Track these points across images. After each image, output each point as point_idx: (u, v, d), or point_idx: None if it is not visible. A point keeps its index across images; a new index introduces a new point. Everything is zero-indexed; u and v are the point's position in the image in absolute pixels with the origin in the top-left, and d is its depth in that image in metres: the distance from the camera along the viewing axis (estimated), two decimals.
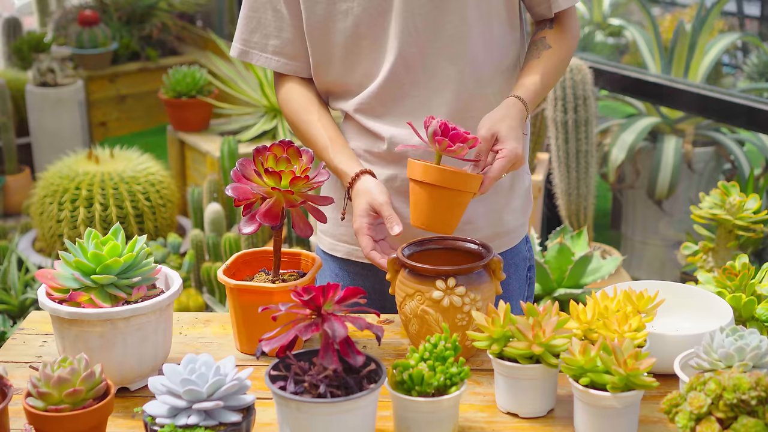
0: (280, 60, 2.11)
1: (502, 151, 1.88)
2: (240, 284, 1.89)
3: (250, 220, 1.88)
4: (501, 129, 1.90)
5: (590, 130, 3.97)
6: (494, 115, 1.93)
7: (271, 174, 1.85)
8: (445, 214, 1.87)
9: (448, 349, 1.63)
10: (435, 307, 1.83)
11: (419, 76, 2.02)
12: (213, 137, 5.15)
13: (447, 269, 1.83)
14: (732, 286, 2.12)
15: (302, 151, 1.89)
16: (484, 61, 2.04)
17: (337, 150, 2.05)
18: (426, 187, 1.86)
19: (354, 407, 1.53)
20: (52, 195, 4.64)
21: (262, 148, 1.87)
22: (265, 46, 2.11)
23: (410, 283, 1.86)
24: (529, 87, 2.00)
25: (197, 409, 1.54)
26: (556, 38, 2.08)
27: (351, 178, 2.02)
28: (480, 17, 2.01)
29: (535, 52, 2.06)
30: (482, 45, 2.03)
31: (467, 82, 2.03)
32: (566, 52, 2.09)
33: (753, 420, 1.46)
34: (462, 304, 1.82)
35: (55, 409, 1.56)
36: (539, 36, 2.08)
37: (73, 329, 1.74)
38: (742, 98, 4.01)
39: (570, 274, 3.35)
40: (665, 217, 4.76)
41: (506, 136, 1.89)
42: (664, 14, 6.52)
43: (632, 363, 1.58)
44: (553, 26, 2.09)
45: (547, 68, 2.04)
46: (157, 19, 6.55)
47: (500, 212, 2.14)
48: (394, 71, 2.01)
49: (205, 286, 4.05)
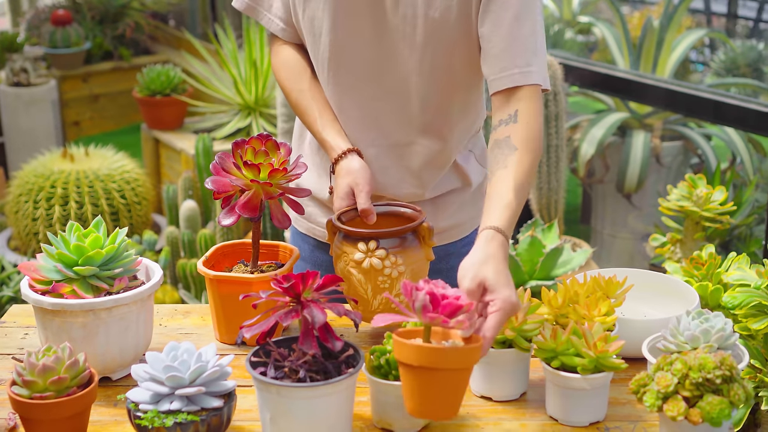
0: (280, 24, 2.13)
1: (495, 303, 1.62)
2: (219, 275, 1.93)
3: (229, 212, 1.92)
4: (488, 275, 1.65)
5: (560, 125, 4.02)
6: (475, 258, 1.69)
7: (250, 167, 1.88)
8: (448, 397, 1.57)
9: None
10: (357, 269, 1.89)
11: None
12: (187, 135, 5.17)
13: (369, 232, 1.90)
14: (699, 275, 2.18)
15: (280, 144, 1.93)
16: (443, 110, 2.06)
17: (326, 123, 2.08)
18: (421, 372, 1.54)
19: (333, 391, 1.57)
20: (27, 193, 4.65)
21: (240, 142, 1.91)
22: (270, 6, 2.13)
23: (339, 245, 1.93)
24: (504, 211, 1.78)
25: (180, 395, 1.57)
26: (521, 135, 1.88)
27: (337, 155, 2.04)
28: None
29: (501, 158, 1.86)
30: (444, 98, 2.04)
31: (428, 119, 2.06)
32: (533, 153, 1.89)
33: (718, 398, 1.51)
34: (382, 267, 1.88)
35: (39, 396, 1.59)
36: (503, 135, 1.89)
37: (56, 320, 1.77)
38: (709, 93, 4.08)
39: (541, 266, 3.41)
40: (634, 211, 4.82)
41: (495, 283, 1.64)
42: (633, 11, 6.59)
43: (602, 346, 1.63)
44: (518, 118, 1.90)
45: (518, 179, 1.83)
46: (130, 19, 6.55)
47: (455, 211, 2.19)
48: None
49: (181, 283, 4.08)
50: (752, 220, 4.14)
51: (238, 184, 1.91)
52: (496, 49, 1.93)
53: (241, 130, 5.01)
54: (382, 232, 1.89)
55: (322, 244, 2.23)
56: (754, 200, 4.24)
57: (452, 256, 2.16)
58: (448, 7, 1.95)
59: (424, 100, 2.03)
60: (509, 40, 1.92)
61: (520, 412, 1.74)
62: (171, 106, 5.25)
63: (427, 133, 2.07)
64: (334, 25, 2.01)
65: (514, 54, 1.92)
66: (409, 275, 1.89)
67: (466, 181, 2.18)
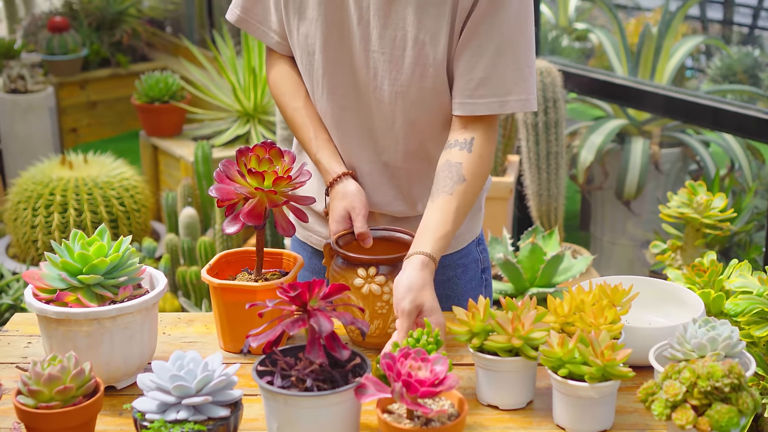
0: (275, 38, 2.12)
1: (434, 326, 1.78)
2: (224, 283, 1.93)
3: (233, 220, 1.92)
4: (425, 301, 1.81)
5: (560, 132, 4.02)
6: (413, 282, 1.81)
7: (255, 174, 1.88)
8: None
9: (431, 343, 1.67)
10: (356, 294, 1.90)
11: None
12: (186, 142, 5.17)
13: (369, 258, 1.91)
14: (701, 282, 2.18)
15: (284, 152, 1.92)
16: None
17: (320, 144, 2.08)
18: None
19: (340, 400, 1.57)
20: (26, 201, 4.64)
21: (244, 149, 1.90)
22: (264, 19, 2.11)
23: (338, 270, 1.94)
24: (440, 241, 1.88)
25: (186, 405, 1.57)
26: (472, 168, 1.95)
27: (333, 179, 2.06)
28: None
29: (449, 183, 1.94)
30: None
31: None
32: (479, 182, 1.98)
33: (726, 406, 1.51)
34: (381, 293, 1.90)
35: (45, 406, 1.59)
36: (455, 158, 1.96)
37: (60, 329, 1.76)
38: (707, 99, 4.08)
39: (542, 273, 3.41)
40: (633, 218, 4.82)
41: (431, 308, 1.81)
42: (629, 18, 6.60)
43: (609, 354, 1.63)
44: (472, 147, 1.96)
45: (459, 209, 1.93)
46: (127, 26, 6.55)
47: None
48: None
49: (181, 290, 4.07)
50: (752, 226, 4.14)
51: (243, 191, 1.91)
52: (471, 75, 1.95)
53: (240, 137, 5.01)
54: (382, 258, 1.91)
55: (318, 251, 2.24)
56: (753, 207, 4.25)
57: (447, 268, 2.18)
58: (438, 30, 1.95)
59: (411, 119, 2.03)
60: (488, 70, 1.95)
61: (527, 420, 1.73)
62: (169, 113, 5.24)
63: (414, 152, 2.07)
64: (326, 43, 2.01)
65: (490, 84, 1.95)
66: None
67: None
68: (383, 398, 1.57)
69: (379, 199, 2.11)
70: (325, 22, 1.99)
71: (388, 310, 1.90)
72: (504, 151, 4.34)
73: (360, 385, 1.55)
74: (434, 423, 1.56)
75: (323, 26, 2.00)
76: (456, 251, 2.21)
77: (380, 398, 1.57)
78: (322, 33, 2.00)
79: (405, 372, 1.53)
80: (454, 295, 2.18)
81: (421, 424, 1.55)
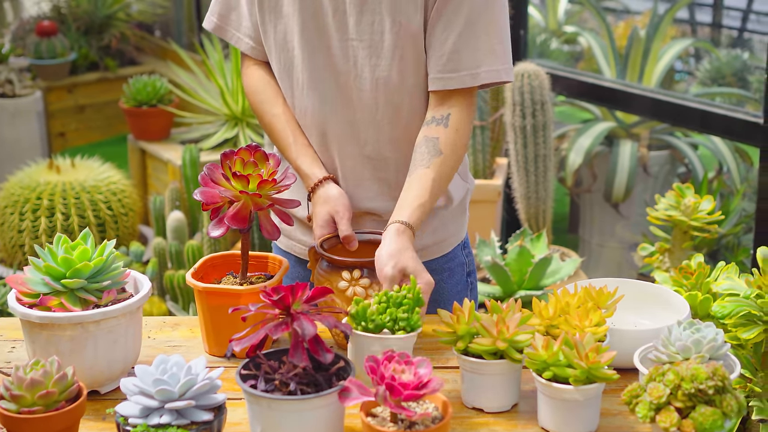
0: (249, 43, 2.14)
1: (423, 287, 1.82)
2: (209, 287, 1.92)
3: (218, 223, 1.91)
4: (407, 264, 1.85)
5: (548, 135, 4.03)
6: (392, 248, 1.86)
7: (239, 178, 1.88)
8: None
9: (407, 297, 1.73)
10: (341, 297, 1.91)
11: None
12: (174, 146, 5.16)
13: (353, 261, 1.92)
14: (688, 285, 2.18)
15: (269, 155, 1.92)
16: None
17: (300, 150, 2.09)
18: None
19: (324, 404, 1.56)
20: (13, 205, 4.62)
21: (229, 152, 1.90)
22: (239, 25, 2.14)
23: (322, 272, 1.95)
24: (418, 210, 1.93)
25: (169, 409, 1.56)
26: (449, 141, 1.99)
27: (314, 183, 2.06)
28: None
29: (427, 156, 1.98)
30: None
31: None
32: (458, 155, 2.01)
33: (710, 409, 1.51)
34: (366, 296, 1.90)
35: (28, 411, 1.58)
36: (432, 133, 2.00)
37: (43, 333, 1.75)
38: (695, 102, 4.09)
39: (530, 276, 3.40)
40: (622, 220, 4.83)
41: (415, 269, 1.84)
42: (618, 21, 6.61)
43: (593, 356, 1.63)
44: (449, 122, 2.00)
45: (437, 181, 1.97)
46: (116, 29, 6.54)
47: (437, 227, 2.19)
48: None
49: (168, 294, 4.06)
50: (740, 229, 4.15)
51: (227, 195, 1.90)
52: (443, 50, 1.98)
53: (228, 140, 5.00)
54: (366, 261, 1.91)
55: (301, 260, 2.24)
56: (741, 209, 4.26)
57: (434, 272, 2.15)
58: (415, 10, 1.97)
59: (394, 105, 2.04)
60: (458, 44, 1.98)
61: (511, 423, 1.73)
62: (157, 117, 5.23)
63: (399, 139, 2.08)
64: (303, 37, 2.03)
65: (460, 57, 1.98)
66: None
67: (447, 198, 2.18)
68: (367, 401, 1.57)
69: (362, 194, 2.11)
70: (301, 16, 2.02)
71: None
72: (492, 153, 4.34)
73: (344, 389, 1.55)
74: (418, 426, 1.55)
75: (299, 21, 2.02)
76: (442, 255, 2.21)
77: (364, 401, 1.56)
78: (299, 27, 2.02)
79: (388, 375, 1.53)
80: (441, 298, 2.18)
81: (405, 427, 1.55)
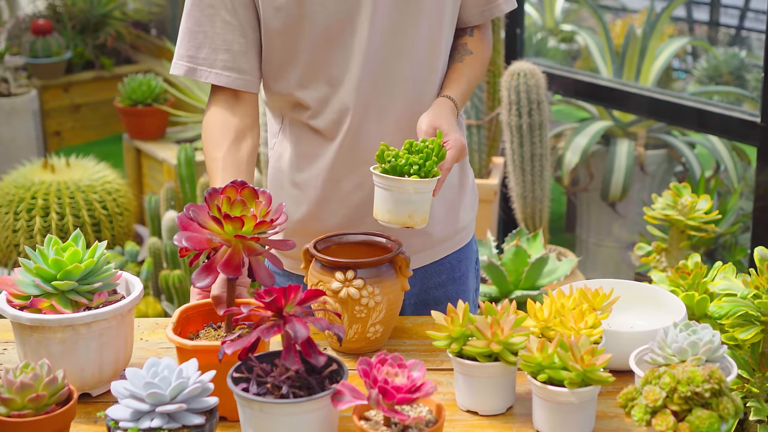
0: (231, 75, 2.05)
1: (449, 142, 1.94)
2: (198, 345, 1.72)
3: (206, 271, 1.71)
4: (441, 124, 1.97)
5: (544, 134, 4.01)
6: (430, 113, 2.00)
7: (233, 220, 1.67)
8: None
9: (428, 147, 1.87)
10: (334, 298, 1.89)
11: (381, 81, 2.05)
12: (169, 145, 5.15)
13: (347, 261, 1.89)
14: (685, 285, 2.16)
15: (259, 192, 1.74)
16: (431, 63, 2.09)
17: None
18: None
19: (316, 407, 1.55)
20: (7, 205, 4.61)
21: (213, 192, 1.71)
22: (214, 61, 2.04)
23: (316, 274, 1.92)
24: (456, 88, 2.10)
25: (160, 412, 1.54)
26: (476, 45, 2.18)
27: None
28: (435, 22, 2.05)
29: (458, 56, 2.16)
30: (433, 48, 2.08)
31: (419, 85, 2.07)
32: (485, 58, 2.21)
33: (707, 412, 1.50)
34: (359, 297, 1.88)
35: (18, 414, 1.56)
36: (461, 42, 2.18)
37: (34, 336, 1.74)
38: (693, 101, 4.07)
39: (526, 275, 3.39)
40: (619, 219, 4.82)
41: (448, 128, 1.97)
42: (615, 20, 6.60)
43: (589, 359, 1.61)
44: (474, 34, 2.19)
45: (471, 72, 2.15)
46: (111, 28, 6.52)
47: (456, 210, 2.20)
48: (361, 78, 2.03)
49: (164, 294, 4.05)
50: (737, 228, 4.14)
51: (219, 240, 1.70)
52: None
53: None
54: (360, 262, 1.89)
55: (288, 272, 2.22)
56: (738, 209, 4.25)
57: (462, 262, 2.26)
58: None
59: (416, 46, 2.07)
60: None
61: (506, 426, 1.72)
62: (153, 116, 5.22)
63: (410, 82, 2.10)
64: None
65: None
66: (385, 305, 1.90)
67: (463, 176, 2.25)
68: (360, 405, 1.55)
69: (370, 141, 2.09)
70: None
71: (366, 315, 1.88)
72: (488, 153, 4.33)
73: (336, 392, 1.53)
74: (411, 430, 1.54)
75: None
76: (467, 244, 2.28)
77: (357, 405, 1.55)
78: None
79: (381, 378, 1.51)
80: (463, 288, 2.26)
81: (398, 431, 1.53)
